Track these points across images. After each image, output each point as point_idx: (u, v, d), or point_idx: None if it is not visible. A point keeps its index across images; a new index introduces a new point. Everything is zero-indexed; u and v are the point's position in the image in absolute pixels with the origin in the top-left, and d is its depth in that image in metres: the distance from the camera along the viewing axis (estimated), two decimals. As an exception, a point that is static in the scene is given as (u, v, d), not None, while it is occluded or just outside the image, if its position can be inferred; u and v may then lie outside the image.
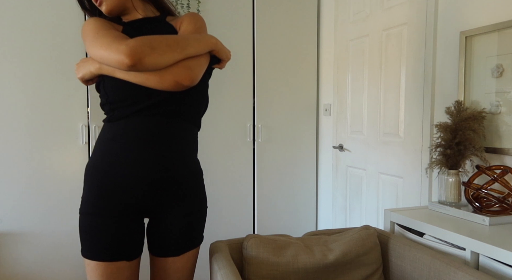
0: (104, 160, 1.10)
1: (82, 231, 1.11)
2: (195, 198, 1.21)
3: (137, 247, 1.15)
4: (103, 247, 1.08)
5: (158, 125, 1.10)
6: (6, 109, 2.15)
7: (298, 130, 2.80)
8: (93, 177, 1.11)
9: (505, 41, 1.54)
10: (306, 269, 1.38)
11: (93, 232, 1.08)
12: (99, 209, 1.09)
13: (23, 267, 2.20)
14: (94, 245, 1.08)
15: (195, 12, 1.40)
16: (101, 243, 1.08)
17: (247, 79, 2.63)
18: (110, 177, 1.08)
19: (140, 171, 1.08)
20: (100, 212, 1.09)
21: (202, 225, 1.25)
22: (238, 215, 2.66)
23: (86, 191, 1.12)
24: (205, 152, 2.56)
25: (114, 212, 1.09)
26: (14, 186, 2.18)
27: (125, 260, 1.11)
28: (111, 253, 1.09)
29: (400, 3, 2.06)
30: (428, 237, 1.49)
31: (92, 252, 1.09)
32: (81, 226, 1.11)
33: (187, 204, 1.18)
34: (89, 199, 1.11)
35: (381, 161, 2.23)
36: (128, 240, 1.11)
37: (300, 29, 2.76)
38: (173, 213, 1.16)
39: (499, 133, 1.57)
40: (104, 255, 1.08)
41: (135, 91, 1.07)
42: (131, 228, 1.12)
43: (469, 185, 1.48)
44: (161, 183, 1.11)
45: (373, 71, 2.28)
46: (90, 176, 1.12)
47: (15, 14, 2.14)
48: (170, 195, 1.14)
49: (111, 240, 1.08)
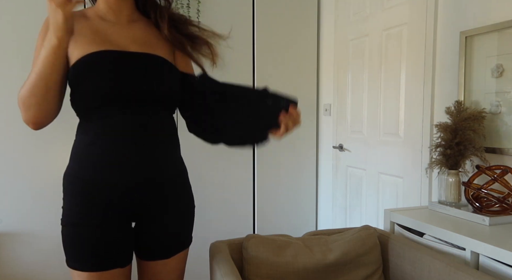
0: (84, 166, 1.06)
1: (68, 243, 1.06)
2: (181, 198, 1.18)
3: (129, 252, 1.12)
4: (96, 256, 1.04)
5: (138, 124, 1.06)
6: (6, 109, 2.15)
7: (298, 130, 2.80)
8: (74, 185, 1.06)
9: (505, 41, 1.54)
10: (306, 269, 1.38)
11: (82, 242, 1.04)
12: (84, 218, 1.04)
13: (23, 267, 2.20)
14: (84, 256, 1.04)
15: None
16: (93, 253, 1.04)
17: (247, 78, 2.63)
18: (92, 184, 1.04)
19: (123, 176, 1.04)
20: (86, 221, 1.04)
21: (191, 225, 1.23)
22: (238, 215, 2.66)
23: (68, 201, 1.07)
24: (205, 152, 2.56)
25: (100, 220, 1.05)
26: (14, 186, 2.18)
27: (119, 268, 1.08)
28: (104, 262, 1.05)
29: (400, 3, 2.06)
30: (428, 237, 1.49)
31: (84, 263, 1.04)
32: (66, 238, 1.06)
33: (174, 206, 1.15)
34: (72, 208, 1.06)
35: (381, 161, 2.23)
36: (120, 247, 1.08)
37: (300, 29, 2.76)
38: (160, 216, 1.13)
39: (499, 133, 1.57)
40: (97, 265, 1.04)
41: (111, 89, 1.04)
42: (120, 234, 1.08)
43: (469, 185, 1.48)
44: (146, 186, 1.08)
45: (373, 71, 2.28)
46: (70, 185, 1.07)
47: (16, 13, 2.14)
48: (155, 197, 1.11)
49: (104, 248, 1.05)
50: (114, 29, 1.11)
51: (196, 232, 2.66)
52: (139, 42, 1.12)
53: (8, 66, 2.14)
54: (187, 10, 2.43)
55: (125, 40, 1.10)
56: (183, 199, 1.19)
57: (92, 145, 1.05)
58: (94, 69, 1.03)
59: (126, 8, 1.14)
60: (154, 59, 1.11)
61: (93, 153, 1.05)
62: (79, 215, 1.05)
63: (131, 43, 1.11)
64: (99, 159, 1.04)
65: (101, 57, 1.04)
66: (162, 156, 1.11)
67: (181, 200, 1.18)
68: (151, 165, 1.08)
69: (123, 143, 1.05)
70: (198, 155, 2.53)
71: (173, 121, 1.18)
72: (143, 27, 1.16)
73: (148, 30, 1.17)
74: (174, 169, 1.16)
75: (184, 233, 1.20)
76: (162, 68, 1.12)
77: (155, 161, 1.09)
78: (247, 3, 2.60)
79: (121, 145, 1.04)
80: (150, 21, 1.19)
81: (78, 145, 1.09)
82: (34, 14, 2.17)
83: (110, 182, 1.04)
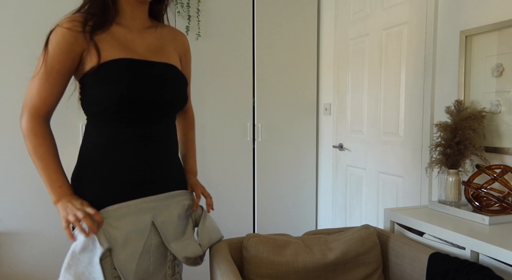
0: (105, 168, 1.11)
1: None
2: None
3: None
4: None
5: (151, 132, 1.13)
6: (6, 108, 2.15)
7: (298, 129, 2.80)
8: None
9: (505, 41, 1.54)
10: (306, 268, 1.38)
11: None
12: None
13: (23, 267, 2.20)
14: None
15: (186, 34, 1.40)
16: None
17: (247, 78, 2.63)
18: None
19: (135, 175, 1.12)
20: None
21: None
22: (238, 215, 2.66)
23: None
24: (205, 151, 2.56)
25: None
26: (14, 186, 2.18)
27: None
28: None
29: (400, 2, 2.06)
30: (428, 236, 1.49)
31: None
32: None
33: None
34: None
35: (381, 161, 2.23)
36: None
37: (300, 28, 2.76)
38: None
39: (499, 133, 1.57)
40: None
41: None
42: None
43: (469, 184, 1.48)
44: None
45: (373, 70, 2.28)
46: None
47: (16, 13, 2.14)
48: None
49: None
50: (131, 37, 1.13)
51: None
52: (154, 50, 1.16)
53: (8, 66, 2.14)
54: (187, 9, 2.42)
55: (141, 48, 1.14)
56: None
57: (108, 150, 1.09)
58: (115, 75, 1.05)
59: (141, 15, 1.17)
60: (171, 69, 1.16)
61: (111, 155, 1.09)
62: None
63: (147, 51, 1.14)
64: (117, 161, 1.09)
65: (123, 64, 1.07)
66: (172, 161, 1.20)
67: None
68: (162, 174, 1.17)
69: (136, 150, 1.11)
70: (198, 155, 2.53)
71: (175, 125, 1.26)
72: (156, 34, 1.20)
73: (159, 37, 1.21)
74: (178, 173, 1.24)
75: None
76: (178, 78, 1.18)
77: (166, 170, 1.17)
78: (247, 3, 2.60)
79: (133, 152, 1.10)
80: (159, 25, 1.24)
81: (93, 148, 1.11)
82: (35, 14, 2.17)
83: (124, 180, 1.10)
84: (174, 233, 1.18)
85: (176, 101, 1.17)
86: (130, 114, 1.08)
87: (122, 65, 1.06)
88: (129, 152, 1.09)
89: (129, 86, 1.06)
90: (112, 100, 1.05)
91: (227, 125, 2.60)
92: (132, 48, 1.11)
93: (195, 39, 2.48)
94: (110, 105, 1.06)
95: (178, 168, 1.24)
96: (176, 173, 1.22)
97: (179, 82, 1.18)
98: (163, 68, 1.14)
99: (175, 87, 1.16)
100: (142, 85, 1.08)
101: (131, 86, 1.06)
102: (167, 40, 1.23)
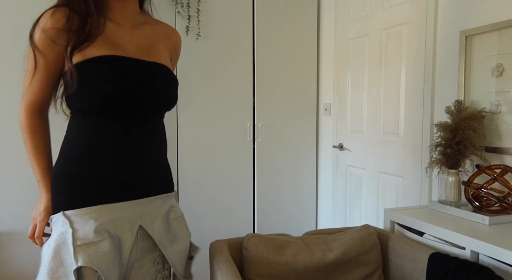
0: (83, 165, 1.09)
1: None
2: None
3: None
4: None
5: (138, 130, 1.11)
6: (6, 108, 2.15)
7: (298, 129, 2.80)
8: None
9: (505, 41, 1.54)
10: (306, 268, 1.38)
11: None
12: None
13: (23, 267, 2.20)
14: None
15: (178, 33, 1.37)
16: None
17: (247, 78, 2.63)
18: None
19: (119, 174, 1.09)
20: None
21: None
22: (238, 215, 2.66)
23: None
24: (205, 151, 2.56)
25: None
26: (14, 186, 2.18)
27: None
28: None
29: (400, 2, 2.06)
30: (428, 236, 1.49)
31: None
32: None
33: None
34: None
35: (381, 161, 2.23)
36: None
37: (300, 28, 2.76)
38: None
39: (499, 133, 1.57)
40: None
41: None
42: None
43: (469, 184, 1.48)
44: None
45: (373, 70, 2.28)
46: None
47: (17, 12, 2.14)
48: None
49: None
50: (121, 34, 1.11)
51: (196, 232, 2.67)
52: (144, 49, 1.14)
53: (7, 66, 2.14)
54: (187, 9, 2.42)
55: (131, 46, 1.12)
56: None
57: (90, 145, 1.06)
58: (102, 72, 1.03)
59: (131, 11, 1.15)
60: (161, 69, 1.14)
61: (93, 151, 1.06)
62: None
63: (137, 50, 1.12)
64: (98, 157, 1.06)
65: (111, 61, 1.05)
66: (158, 161, 1.16)
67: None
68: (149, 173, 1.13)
69: (119, 147, 1.07)
70: (198, 155, 2.53)
71: (163, 126, 1.23)
72: (147, 32, 1.18)
73: (151, 35, 1.18)
74: (163, 174, 1.20)
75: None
76: (168, 78, 1.16)
77: (149, 169, 1.13)
78: (247, 3, 2.60)
79: (114, 149, 1.07)
80: (151, 22, 1.21)
81: (75, 144, 1.09)
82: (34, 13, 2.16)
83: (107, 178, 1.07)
84: (166, 237, 1.15)
85: (164, 101, 1.14)
86: (113, 112, 1.06)
87: (108, 62, 1.04)
88: (111, 148, 1.06)
89: (114, 84, 1.03)
90: (96, 97, 1.03)
91: (227, 125, 2.60)
92: (121, 46, 1.09)
93: (195, 39, 2.48)
94: (94, 102, 1.03)
95: (163, 169, 1.19)
96: (161, 174, 1.17)
97: (169, 82, 1.15)
98: (153, 67, 1.12)
99: (163, 87, 1.13)
100: (128, 83, 1.05)
101: (116, 84, 1.03)
102: (159, 38, 1.20)
